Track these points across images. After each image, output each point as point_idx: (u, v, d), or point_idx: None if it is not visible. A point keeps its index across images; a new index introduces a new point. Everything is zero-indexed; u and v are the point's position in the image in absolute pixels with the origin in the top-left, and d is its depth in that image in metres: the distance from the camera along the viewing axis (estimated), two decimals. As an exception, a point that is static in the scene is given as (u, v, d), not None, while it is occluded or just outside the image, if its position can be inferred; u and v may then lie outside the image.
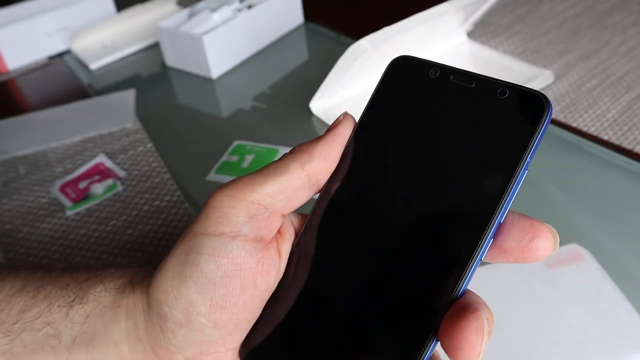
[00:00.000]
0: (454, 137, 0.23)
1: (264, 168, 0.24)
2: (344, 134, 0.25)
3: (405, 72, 0.25)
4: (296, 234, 0.25)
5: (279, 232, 0.25)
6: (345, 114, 0.25)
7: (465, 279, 0.21)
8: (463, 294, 0.21)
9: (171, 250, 0.24)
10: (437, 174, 0.22)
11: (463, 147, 0.22)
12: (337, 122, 0.25)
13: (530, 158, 0.22)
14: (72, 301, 0.26)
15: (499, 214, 0.21)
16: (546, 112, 0.21)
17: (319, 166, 0.24)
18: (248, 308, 0.23)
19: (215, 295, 0.23)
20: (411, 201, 0.23)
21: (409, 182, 0.23)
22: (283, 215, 0.24)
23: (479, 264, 0.21)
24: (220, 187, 0.24)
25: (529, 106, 0.22)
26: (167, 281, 0.23)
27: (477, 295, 0.22)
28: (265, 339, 0.24)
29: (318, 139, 0.25)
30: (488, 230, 0.21)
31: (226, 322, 0.23)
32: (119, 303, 0.25)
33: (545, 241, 0.22)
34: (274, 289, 0.24)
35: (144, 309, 0.24)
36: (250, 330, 0.24)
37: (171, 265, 0.23)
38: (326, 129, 0.25)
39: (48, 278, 0.27)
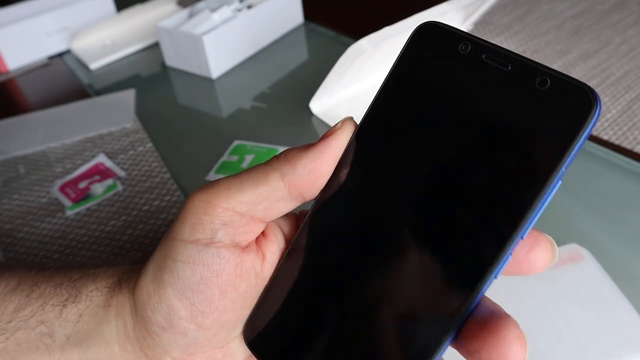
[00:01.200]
0: (477, 133, 0.19)
1: (245, 172, 0.23)
2: (337, 147, 0.22)
3: (430, 43, 0.21)
4: (285, 237, 0.24)
5: (263, 233, 0.24)
6: (345, 121, 0.23)
7: (482, 290, 0.19)
8: (478, 304, 0.19)
9: (153, 253, 0.24)
10: (456, 175, 0.19)
11: (488, 147, 0.19)
12: (332, 131, 0.23)
13: (566, 167, 0.18)
14: (66, 300, 0.26)
15: (524, 229, 0.18)
16: (593, 112, 0.17)
17: (302, 180, 0.22)
18: (230, 310, 0.23)
19: (195, 301, 0.22)
20: (425, 203, 0.20)
21: (422, 182, 0.20)
22: (265, 221, 0.23)
23: (493, 280, 0.19)
24: (198, 189, 0.23)
25: (573, 103, 0.18)
26: (148, 284, 0.23)
27: (496, 304, 0.20)
28: (271, 322, 0.23)
29: (308, 147, 0.22)
30: (508, 246, 0.18)
31: (209, 325, 0.23)
32: (110, 302, 0.25)
33: (544, 251, 0.20)
34: (256, 288, 0.23)
35: (131, 309, 0.24)
36: (253, 314, 0.24)
37: (151, 269, 0.23)
38: (324, 133, 0.23)
39: (42, 276, 0.27)
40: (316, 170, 0.22)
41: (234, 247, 0.22)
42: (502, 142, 0.19)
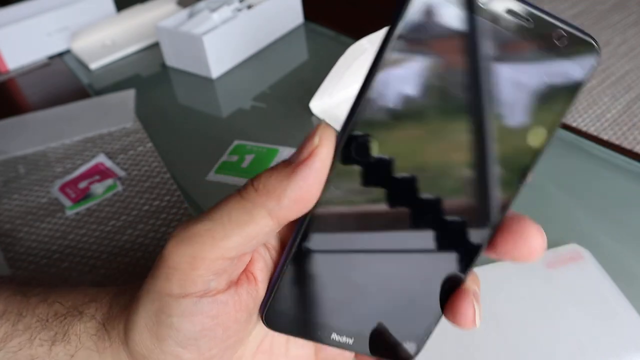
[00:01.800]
0: (493, 81, 0.20)
1: (224, 214, 0.20)
2: (321, 168, 0.20)
3: None
4: (269, 245, 0.24)
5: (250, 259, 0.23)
6: (323, 133, 0.20)
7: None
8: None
9: (139, 304, 0.22)
10: (471, 125, 0.21)
11: (503, 95, 0.21)
12: (311, 149, 0.20)
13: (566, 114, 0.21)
14: (54, 336, 0.25)
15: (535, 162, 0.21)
16: (593, 66, 0.20)
17: (290, 211, 0.20)
18: (233, 336, 0.23)
19: (200, 345, 0.22)
20: (452, 141, 0.21)
21: (443, 130, 0.21)
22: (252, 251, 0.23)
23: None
24: (174, 238, 0.21)
25: (581, 55, 0.20)
26: (146, 339, 0.22)
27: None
28: (290, 300, 0.23)
29: (288, 173, 0.20)
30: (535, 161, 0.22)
31: (216, 354, 0.23)
32: (103, 349, 0.25)
33: (538, 238, 0.22)
34: (255, 306, 0.23)
35: (128, 358, 0.24)
36: (271, 301, 0.23)
37: (144, 324, 0.22)
38: (297, 149, 0.20)
39: (26, 305, 0.27)
40: (303, 198, 0.20)
41: (228, 288, 0.22)
42: (517, 96, 0.20)
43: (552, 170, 0.47)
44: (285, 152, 0.53)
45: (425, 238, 0.23)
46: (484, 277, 0.37)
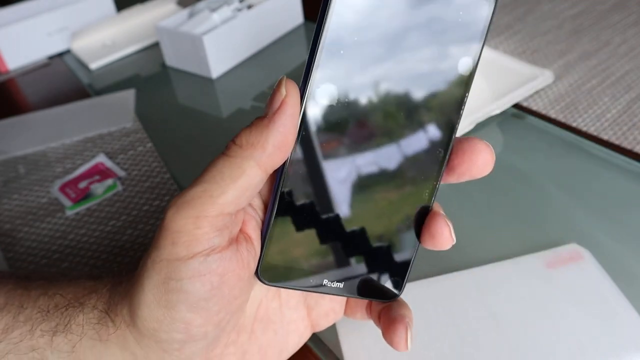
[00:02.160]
0: (415, 35, 0.23)
1: (216, 172, 0.22)
2: (294, 112, 0.23)
3: None
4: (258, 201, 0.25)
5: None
6: (287, 86, 0.23)
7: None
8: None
9: (143, 280, 0.23)
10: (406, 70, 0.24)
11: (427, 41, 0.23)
12: (280, 99, 0.23)
13: (486, 38, 0.24)
14: (55, 327, 0.26)
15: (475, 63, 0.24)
16: None
17: (274, 157, 0.23)
18: (238, 297, 0.24)
19: (209, 306, 0.23)
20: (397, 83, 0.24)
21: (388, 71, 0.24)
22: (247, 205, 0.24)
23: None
24: (175, 205, 0.22)
25: None
26: (155, 311, 0.23)
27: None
28: (278, 253, 0.25)
29: (266, 123, 0.22)
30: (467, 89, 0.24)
31: (224, 317, 0.24)
32: (106, 337, 0.25)
33: (487, 151, 0.24)
34: (255, 268, 0.24)
35: (137, 340, 0.24)
36: (260, 253, 0.25)
37: (152, 296, 0.23)
38: (267, 104, 0.23)
39: (27, 297, 0.27)
40: (284, 143, 0.22)
41: (231, 245, 0.23)
42: (439, 28, 0.23)
43: (552, 170, 0.47)
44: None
45: (392, 170, 0.25)
46: (484, 277, 0.37)
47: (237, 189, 0.22)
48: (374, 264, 0.26)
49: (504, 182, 0.45)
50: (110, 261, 0.44)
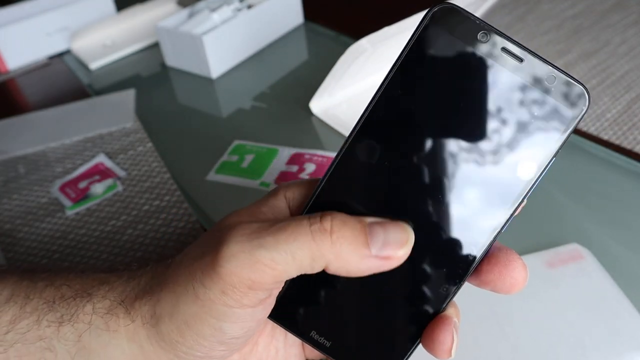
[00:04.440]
0: (486, 117, 0.21)
1: (290, 251, 0.21)
2: (386, 266, 0.22)
3: (447, 27, 0.21)
4: None
5: None
6: (407, 246, 0.22)
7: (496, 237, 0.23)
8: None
9: (178, 296, 0.23)
10: (468, 151, 0.22)
11: (495, 131, 0.22)
12: (391, 254, 0.22)
13: (558, 153, 0.22)
14: (62, 317, 0.26)
15: (529, 190, 0.23)
16: (586, 110, 0.21)
17: (340, 272, 0.22)
18: (259, 328, 0.25)
19: (238, 343, 0.23)
20: (440, 173, 0.22)
21: (437, 159, 0.22)
22: None
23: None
24: (235, 259, 0.21)
25: (572, 99, 0.21)
26: (183, 330, 0.23)
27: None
28: (296, 299, 0.25)
29: (363, 254, 0.22)
30: (513, 208, 0.23)
31: (243, 345, 0.25)
32: (115, 327, 0.25)
33: (522, 271, 0.23)
34: None
35: (150, 337, 0.24)
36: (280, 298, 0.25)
37: (185, 320, 0.23)
38: (386, 238, 0.22)
39: (33, 289, 0.27)
40: (353, 271, 0.22)
41: (273, 292, 0.23)
42: (508, 129, 0.22)
43: (552, 170, 0.47)
44: (284, 152, 0.53)
45: (413, 262, 0.23)
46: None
47: (299, 271, 0.22)
48: (368, 339, 0.24)
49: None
50: (110, 261, 0.44)
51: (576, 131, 0.52)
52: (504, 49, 0.21)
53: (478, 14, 0.64)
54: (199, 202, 0.49)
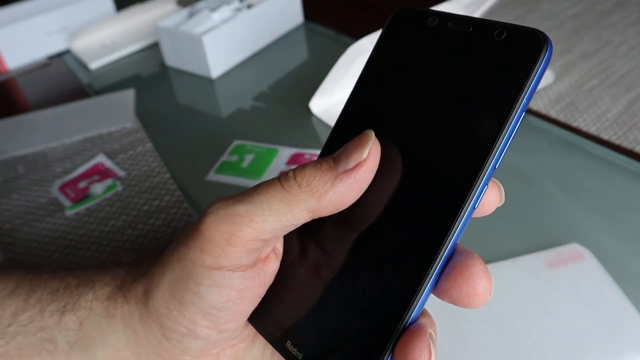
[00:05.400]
0: (451, 84, 0.22)
1: (265, 201, 0.22)
2: (363, 180, 0.21)
3: (405, 23, 0.25)
4: None
5: None
6: (372, 150, 0.21)
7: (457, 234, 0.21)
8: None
9: (165, 268, 0.23)
10: (435, 123, 0.22)
11: (460, 94, 0.22)
12: (358, 161, 0.21)
13: (527, 99, 0.21)
14: (64, 306, 0.26)
15: (495, 156, 0.21)
16: (544, 51, 0.21)
17: (325, 211, 0.22)
18: (250, 311, 0.24)
19: (220, 316, 0.23)
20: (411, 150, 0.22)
21: (408, 134, 0.23)
22: None
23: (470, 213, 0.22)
24: (215, 214, 0.22)
25: (526, 45, 0.21)
26: (168, 299, 0.23)
27: None
28: (278, 306, 0.24)
29: (333, 178, 0.21)
30: (479, 180, 0.21)
31: (232, 328, 0.24)
32: (113, 313, 0.25)
33: (493, 193, 0.22)
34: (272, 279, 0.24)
35: (142, 318, 0.25)
36: (262, 305, 0.24)
37: (169, 286, 0.23)
38: (343, 152, 0.22)
39: (38, 281, 0.27)
40: (341, 202, 0.21)
41: (257, 264, 0.23)
42: (472, 88, 0.22)
43: (552, 170, 0.47)
44: (285, 152, 0.53)
45: (376, 260, 0.22)
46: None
47: (279, 223, 0.22)
48: (341, 353, 0.22)
49: (504, 182, 0.45)
50: (110, 261, 0.44)
51: (576, 131, 0.52)
52: (452, 24, 0.23)
53: (478, 14, 0.64)
54: (198, 202, 0.49)
